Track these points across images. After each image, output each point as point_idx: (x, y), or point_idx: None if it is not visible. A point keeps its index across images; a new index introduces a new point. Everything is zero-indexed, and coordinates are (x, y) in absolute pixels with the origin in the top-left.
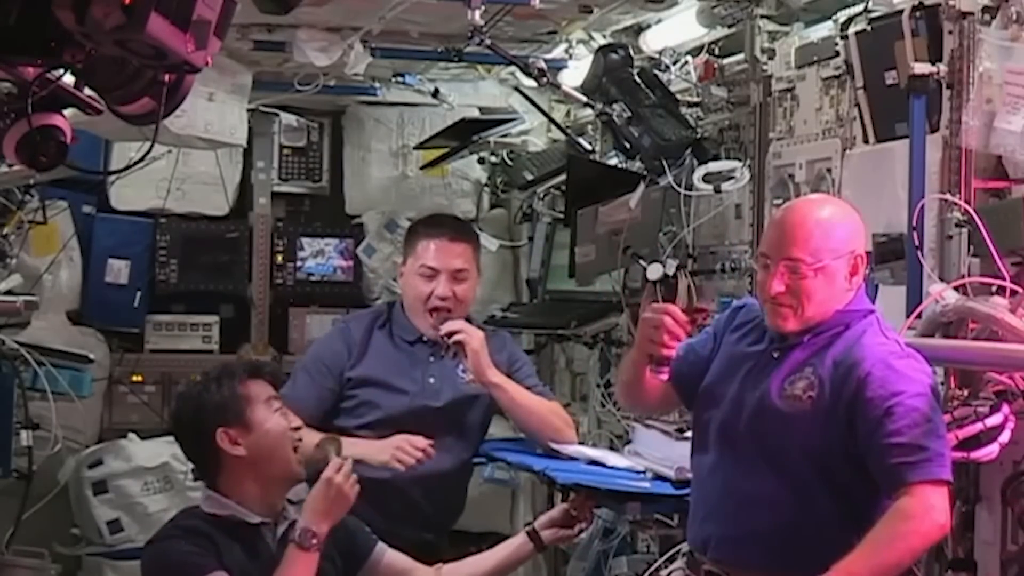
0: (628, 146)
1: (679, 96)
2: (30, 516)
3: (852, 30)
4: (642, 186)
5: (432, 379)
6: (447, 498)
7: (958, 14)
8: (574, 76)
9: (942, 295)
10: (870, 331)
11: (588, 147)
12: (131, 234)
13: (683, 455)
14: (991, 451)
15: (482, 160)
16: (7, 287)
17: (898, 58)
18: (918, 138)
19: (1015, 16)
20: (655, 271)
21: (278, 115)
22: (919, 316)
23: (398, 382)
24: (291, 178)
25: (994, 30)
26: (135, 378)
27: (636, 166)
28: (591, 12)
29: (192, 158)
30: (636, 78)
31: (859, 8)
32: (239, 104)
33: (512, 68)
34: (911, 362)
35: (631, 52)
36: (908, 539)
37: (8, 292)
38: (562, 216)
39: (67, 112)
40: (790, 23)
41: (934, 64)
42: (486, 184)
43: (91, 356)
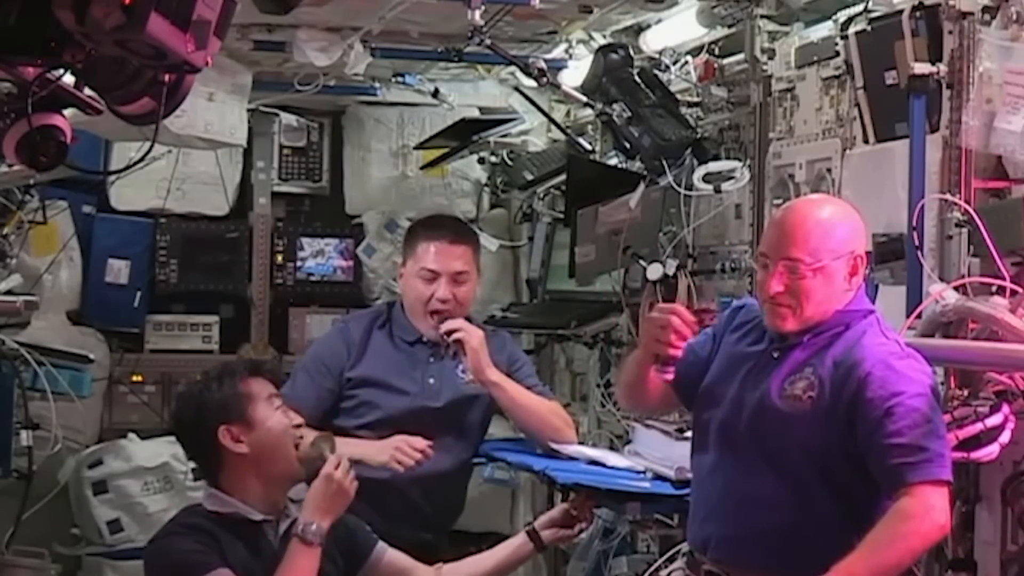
0: (628, 146)
1: (679, 96)
2: (30, 516)
3: (852, 30)
4: (642, 186)
5: (432, 379)
6: (447, 498)
7: (958, 14)
8: (574, 76)
9: (942, 295)
10: (870, 331)
11: (588, 147)
12: (131, 234)
13: (683, 455)
14: (991, 451)
15: (482, 160)
16: (7, 287)
17: (898, 58)
18: (918, 138)
19: (1015, 16)
20: (655, 271)
21: (278, 115)
22: (919, 316)
23: (398, 382)
24: (291, 178)
25: (994, 30)
26: (135, 378)
27: (636, 166)
28: (591, 12)
29: (192, 158)
30: (636, 78)
31: (859, 8)
32: (239, 104)
33: (512, 68)
34: (911, 362)
35: (631, 52)
36: (908, 539)
37: (8, 292)
38: (562, 216)
39: (67, 112)
40: (790, 23)
41: (934, 64)
42: (486, 184)
43: (91, 356)
